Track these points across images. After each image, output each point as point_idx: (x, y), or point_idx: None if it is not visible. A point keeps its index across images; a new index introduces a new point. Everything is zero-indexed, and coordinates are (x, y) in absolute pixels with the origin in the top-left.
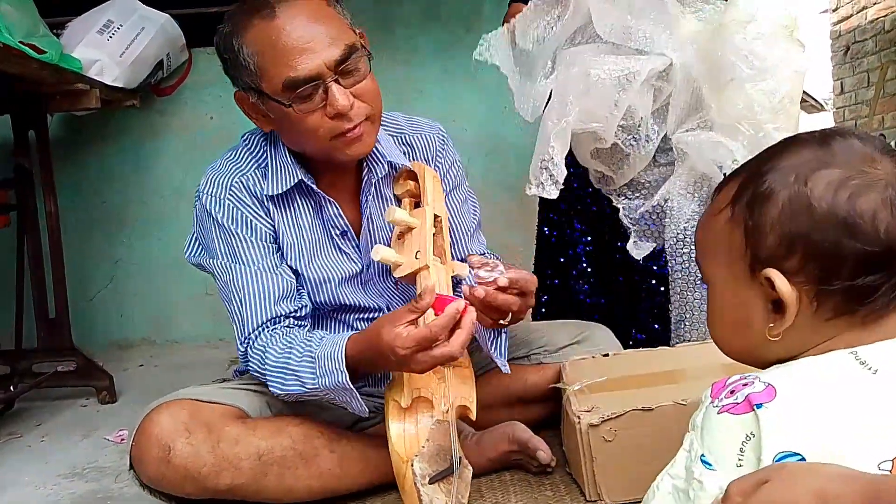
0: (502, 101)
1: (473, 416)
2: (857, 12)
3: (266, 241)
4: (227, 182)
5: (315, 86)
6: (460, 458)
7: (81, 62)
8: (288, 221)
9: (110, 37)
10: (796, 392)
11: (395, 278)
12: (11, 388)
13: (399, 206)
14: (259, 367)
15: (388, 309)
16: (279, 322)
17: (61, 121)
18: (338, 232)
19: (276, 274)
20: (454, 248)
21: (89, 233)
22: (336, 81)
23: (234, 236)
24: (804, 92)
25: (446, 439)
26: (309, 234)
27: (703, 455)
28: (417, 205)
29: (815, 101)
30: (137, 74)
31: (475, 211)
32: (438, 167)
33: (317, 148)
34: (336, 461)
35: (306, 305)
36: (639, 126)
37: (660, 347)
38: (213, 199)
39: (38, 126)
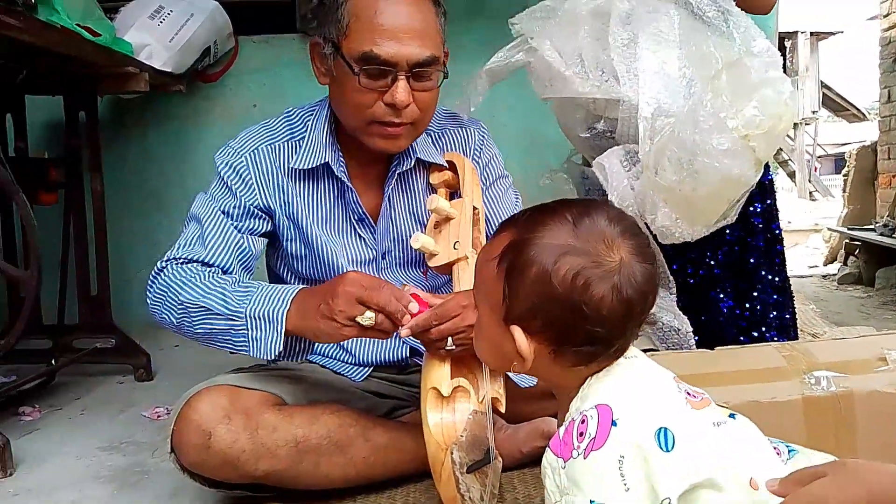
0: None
1: (503, 409)
2: None
3: (254, 209)
4: (253, 145)
5: (386, 71)
6: (494, 449)
7: (132, 46)
8: (309, 196)
9: (160, 22)
10: (619, 393)
11: (424, 268)
12: (53, 362)
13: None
14: (176, 277)
15: None
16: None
17: (109, 103)
18: (356, 218)
19: (244, 235)
20: None
21: (131, 214)
22: (406, 78)
23: (227, 188)
24: (845, 99)
25: (482, 430)
26: (330, 213)
27: (592, 500)
28: (452, 195)
29: (858, 109)
30: (185, 60)
31: (517, 203)
32: (478, 161)
33: (354, 124)
34: (371, 450)
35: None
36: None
37: (699, 350)
38: (234, 153)
39: (89, 107)
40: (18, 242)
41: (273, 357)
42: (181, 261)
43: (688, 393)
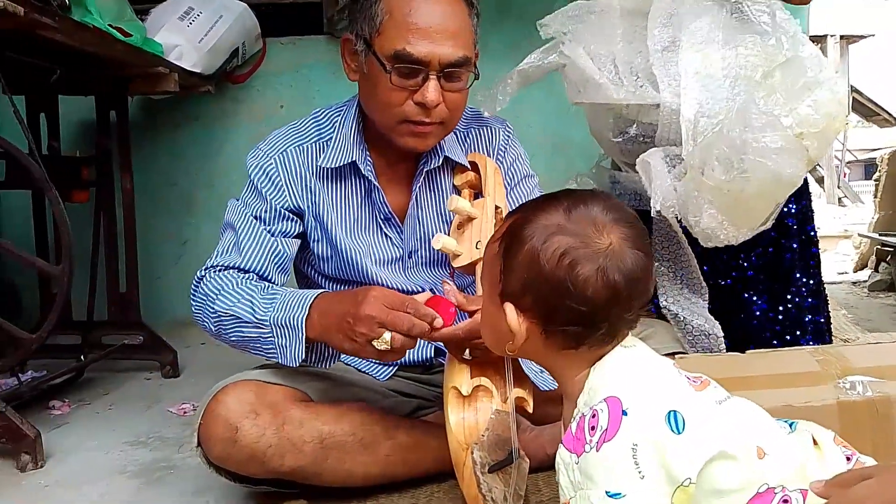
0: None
1: (530, 409)
2: None
3: (285, 210)
4: (282, 147)
5: (418, 70)
6: (518, 449)
7: (163, 46)
8: (336, 196)
9: (190, 23)
10: (626, 383)
11: (450, 268)
12: (82, 357)
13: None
14: (211, 286)
15: (433, 292)
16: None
17: (139, 104)
18: (382, 217)
19: (277, 239)
20: None
21: (159, 213)
22: (437, 78)
23: (257, 192)
24: (875, 104)
25: (505, 430)
26: (356, 212)
27: (607, 492)
28: (476, 196)
29: (889, 114)
30: (214, 61)
31: None
32: (502, 161)
33: (383, 121)
34: (394, 448)
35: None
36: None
37: (730, 353)
38: (263, 155)
39: (120, 108)
40: (50, 240)
41: (297, 364)
42: (218, 268)
43: (687, 377)
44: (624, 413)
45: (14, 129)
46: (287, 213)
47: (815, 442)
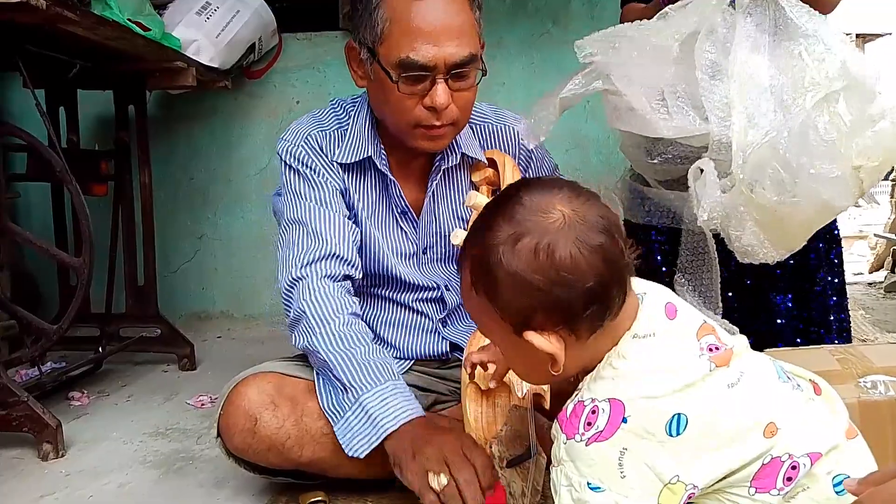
0: (585, 97)
1: (547, 405)
2: None
3: (333, 188)
4: (306, 133)
5: (425, 75)
6: (536, 445)
7: (180, 41)
8: (356, 187)
9: (208, 18)
10: (635, 387)
11: (458, 265)
12: (100, 349)
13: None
14: (311, 307)
15: (447, 288)
16: (335, 276)
17: (157, 99)
18: (399, 211)
19: (344, 219)
20: None
21: (176, 207)
22: (445, 81)
23: (306, 179)
24: None
25: (523, 425)
26: (375, 204)
27: (588, 483)
28: (494, 193)
29: None
30: (231, 56)
31: None
32: (521, 159)
33: (395, 126)
34: None
35: (357, 279)
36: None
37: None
38: (291, 145)
39: (138, 102)
40: (69, 233)
41: (351, 454)
42: (307, 265)
43: (711, 349)
44: (624, 420)
45: (33, 122)
46: (336, 191)
47: (817, 391)
